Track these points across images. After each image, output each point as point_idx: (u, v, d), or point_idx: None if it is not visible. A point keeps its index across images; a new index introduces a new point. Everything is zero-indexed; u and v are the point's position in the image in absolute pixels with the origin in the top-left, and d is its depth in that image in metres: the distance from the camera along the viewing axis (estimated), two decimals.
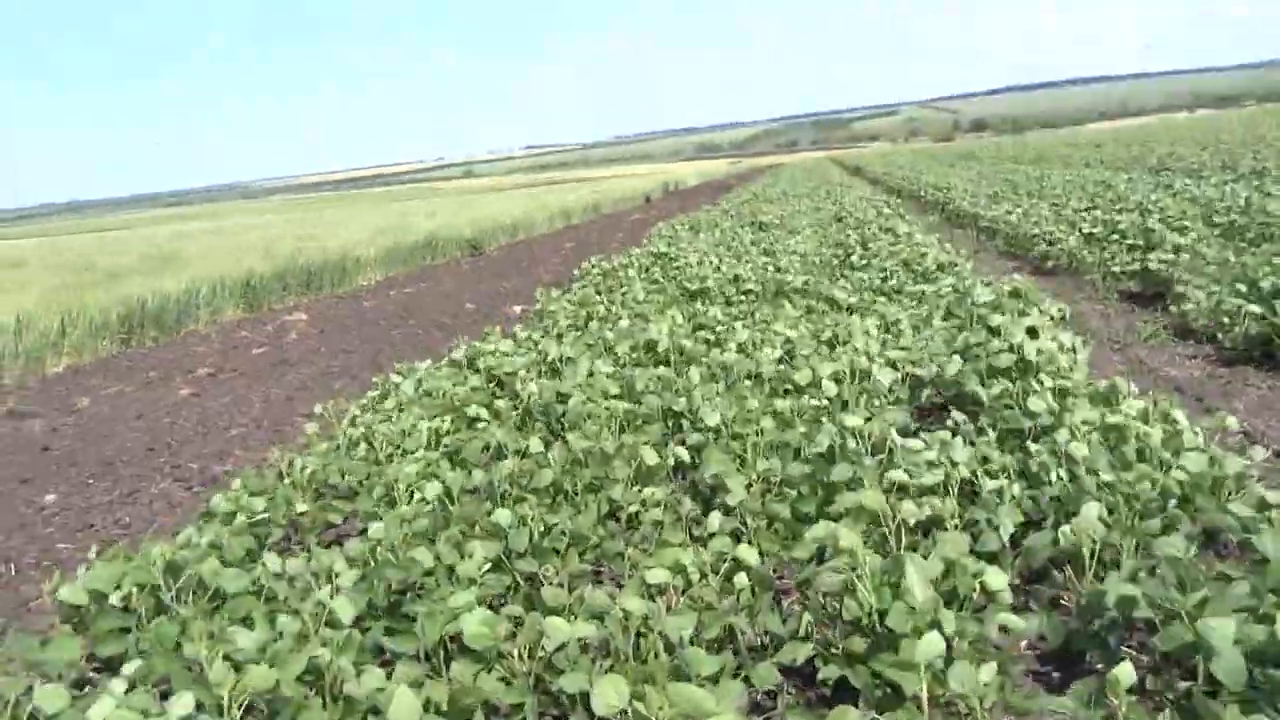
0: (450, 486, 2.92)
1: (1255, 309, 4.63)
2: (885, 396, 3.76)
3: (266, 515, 3.20)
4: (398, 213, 28.50)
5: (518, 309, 8.97)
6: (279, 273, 11.92)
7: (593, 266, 9.24)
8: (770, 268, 7.49)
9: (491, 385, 4.60)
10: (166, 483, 4.49)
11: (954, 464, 2.74)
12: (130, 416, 6.03)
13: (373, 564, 2.42)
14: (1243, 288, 4.90)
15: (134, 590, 2.47)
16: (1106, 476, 2.52)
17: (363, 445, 3.83)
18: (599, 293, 7.36)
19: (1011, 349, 3.70)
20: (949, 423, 3.17)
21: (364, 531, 3.26)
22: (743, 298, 6.46)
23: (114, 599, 2.51)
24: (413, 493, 3.02)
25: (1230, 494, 2.54)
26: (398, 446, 3.72)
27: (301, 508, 3.30)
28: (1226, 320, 4.84)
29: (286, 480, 3.62)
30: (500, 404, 4.17)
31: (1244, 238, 7.23)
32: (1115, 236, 7.61)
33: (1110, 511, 2.47)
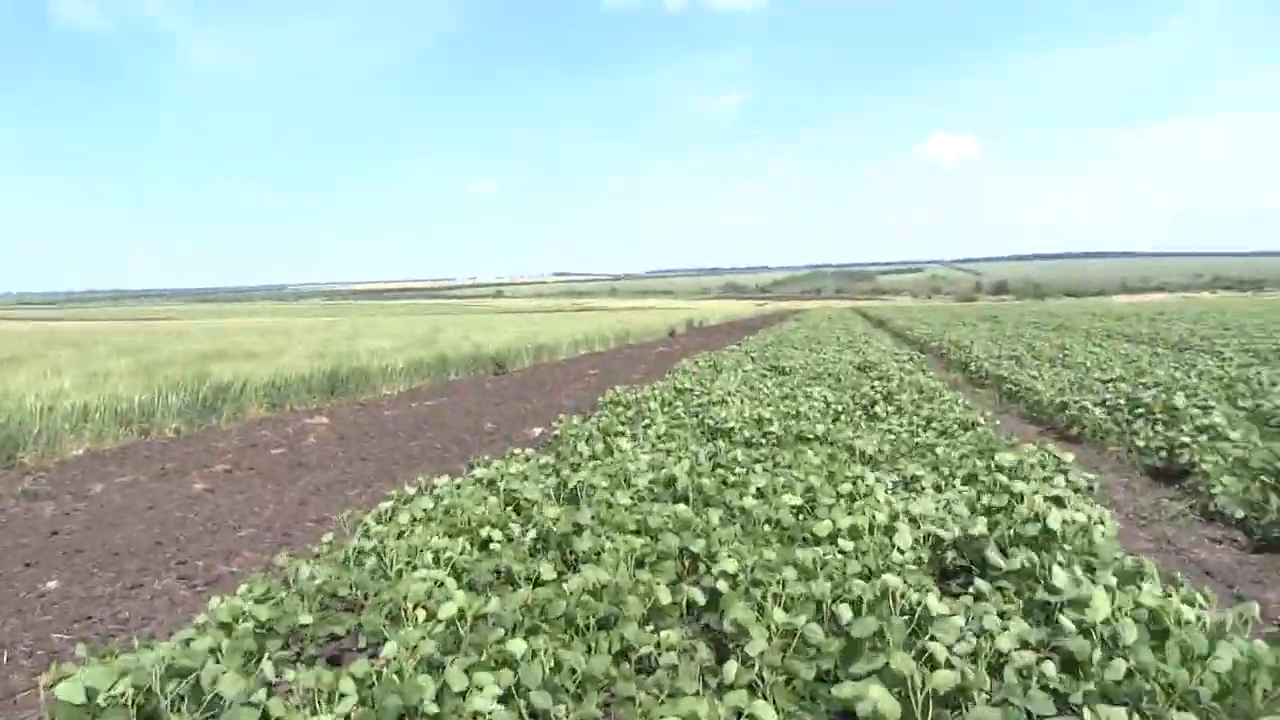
0: (464, 609, 2.85)
1: None
2: (907, 555, 3.68)
3: (269, 623, 3.14)
4: (426, 326, 29.13)
5: (537, 431, 9.00)
6: (304, 376, 12.09)
7: (617, 396, 9.32)
8: (792, 413, 7.52)
9: (509, 508, 4.57)
10: (170, 579, 4.42)
11: (984, 633, 2.66)
12: (141, 507, 6.01)
13: (378, 685, 2.34)
14: (1270, 478, 4.84)
15: (129, 692, 2.40)
16: (1144, 662, 2.43)
17: (373, 558, 3.78)
18: (621, 423, 7.39)
19: (1038, 518, 3.65)
20: (972, 590, 3.08)
21: (365, 649, 3.19)
22: (764, 440, 6.45)
23: (104, 700, 2.43)
24: (421, 612, 2.96)
25: (1266, 690, 2.43)
26: (408, 562, 3.67)
27: (305, 619, 3.23)
28: (1255, 506, 4.76)
29: (293, 588, 3.57)
30: (515, 528, 4.13)
31: (1269, 422, 7.19)
32: (1140, 410, 7.60)
33: (1142, 698, 2.37)
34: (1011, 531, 3.68)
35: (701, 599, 3.14)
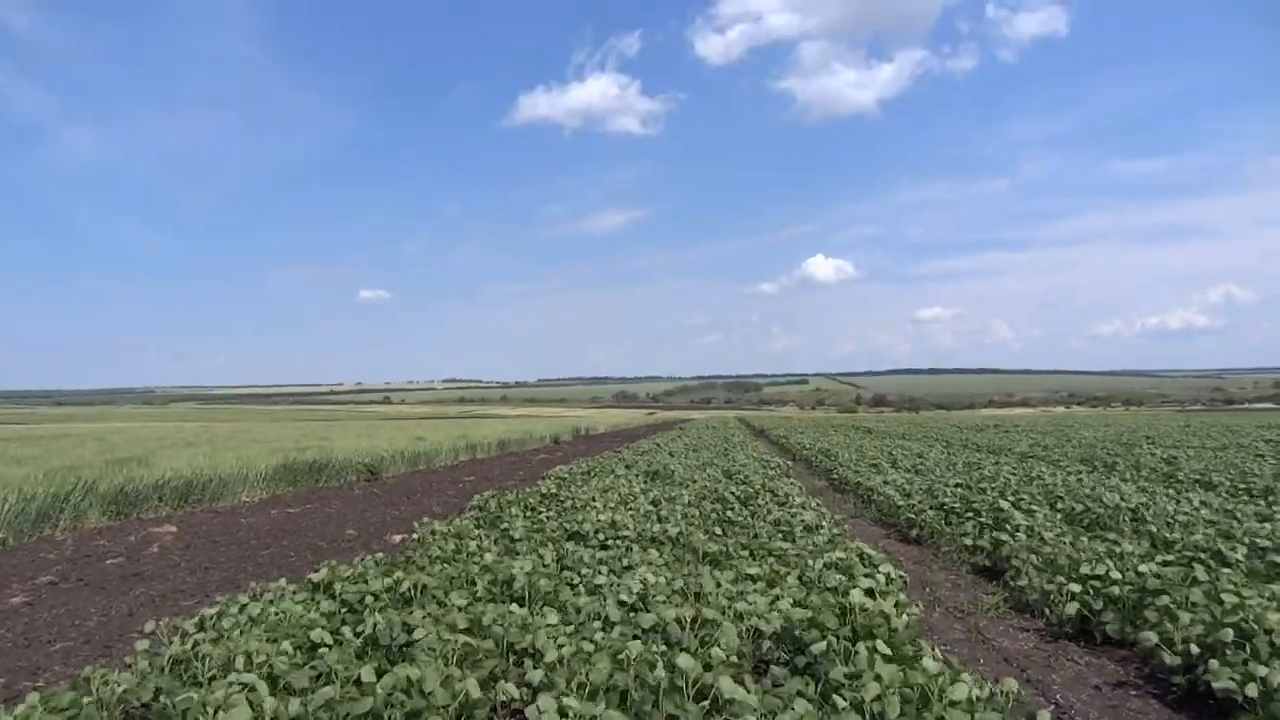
0: (263, 711, 2.83)
1: (1075, 588, 5.02)
2: (730, 647, 3.86)
3: None
4: (298, 432, 28.13)
5: (399, 537, 8.83)
6: (157, 483, 11.49)
7: (483, 501, 9.29)
8: (652, 517, 7.70)
9: (344, 611, 4.51)
10: None
11: (769, 713, 2.84)
12: None
13: None
14: (1061, 576, 5.31)
15: None
16: None
17: (187, 665, 3.66)
18: (479, 526, 7.38)
19: (843, 611, 3.91)
20: (769, 675, 3.28)
21: None
22: (618, 542, 6.59)
23: None
24: (224, 716, 2.90)
25: None
26: (223, 669, 3.58)
27: None
28: (1053, 599, 5.21)
29: (95, 698, 3.41)
30: (347, 631, 4.09)
31: (1081, 523, 7.85)
32: (970, 514, 8.16)
33: None
34: (819, 623, 3.92)
35: (516, 694, 3.21)
